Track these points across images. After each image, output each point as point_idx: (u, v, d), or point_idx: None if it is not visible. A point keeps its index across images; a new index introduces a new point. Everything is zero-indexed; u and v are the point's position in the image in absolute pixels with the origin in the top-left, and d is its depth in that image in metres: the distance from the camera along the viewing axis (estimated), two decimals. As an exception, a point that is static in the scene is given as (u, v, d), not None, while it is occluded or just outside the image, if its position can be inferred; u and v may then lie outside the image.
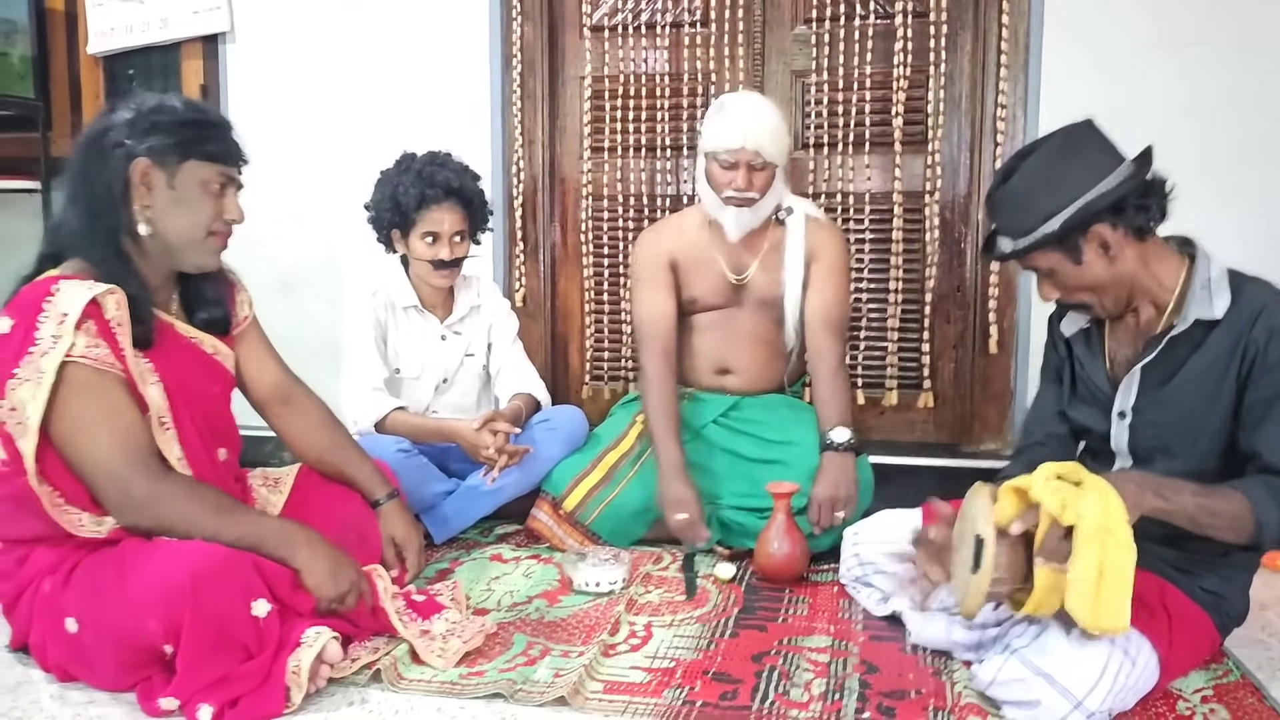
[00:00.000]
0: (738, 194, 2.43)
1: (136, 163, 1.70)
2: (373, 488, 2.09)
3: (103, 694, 1.71)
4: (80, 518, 1.70)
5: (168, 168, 1.73)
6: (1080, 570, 1.45)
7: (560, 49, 3.29)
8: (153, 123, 1.72)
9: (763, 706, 1.67)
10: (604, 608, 2.09)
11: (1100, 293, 1.72)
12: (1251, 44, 2.71)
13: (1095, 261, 1.68)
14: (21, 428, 1.63)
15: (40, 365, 1.62)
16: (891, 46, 3.01)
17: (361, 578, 1.79)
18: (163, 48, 3.48)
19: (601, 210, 3.30)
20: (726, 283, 2.58)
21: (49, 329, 1.63)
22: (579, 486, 2.50)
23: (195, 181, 1.75)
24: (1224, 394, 1.67)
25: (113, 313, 1.68)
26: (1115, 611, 1.45)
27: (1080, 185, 1.65)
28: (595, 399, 3.31)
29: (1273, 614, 2.11)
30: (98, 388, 1.66)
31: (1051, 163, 1.67)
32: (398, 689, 1.72)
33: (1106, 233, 1.66)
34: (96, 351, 1.65)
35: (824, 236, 2.54)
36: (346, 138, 3.33)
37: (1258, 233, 2.69)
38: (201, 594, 1.57)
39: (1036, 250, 1.69)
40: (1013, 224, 1.72)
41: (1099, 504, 1.46)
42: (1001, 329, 2.95)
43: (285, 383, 2.07)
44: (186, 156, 1.73)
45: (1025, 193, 1.68)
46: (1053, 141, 1.70)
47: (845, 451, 2.38)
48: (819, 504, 2.32)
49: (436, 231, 2.51)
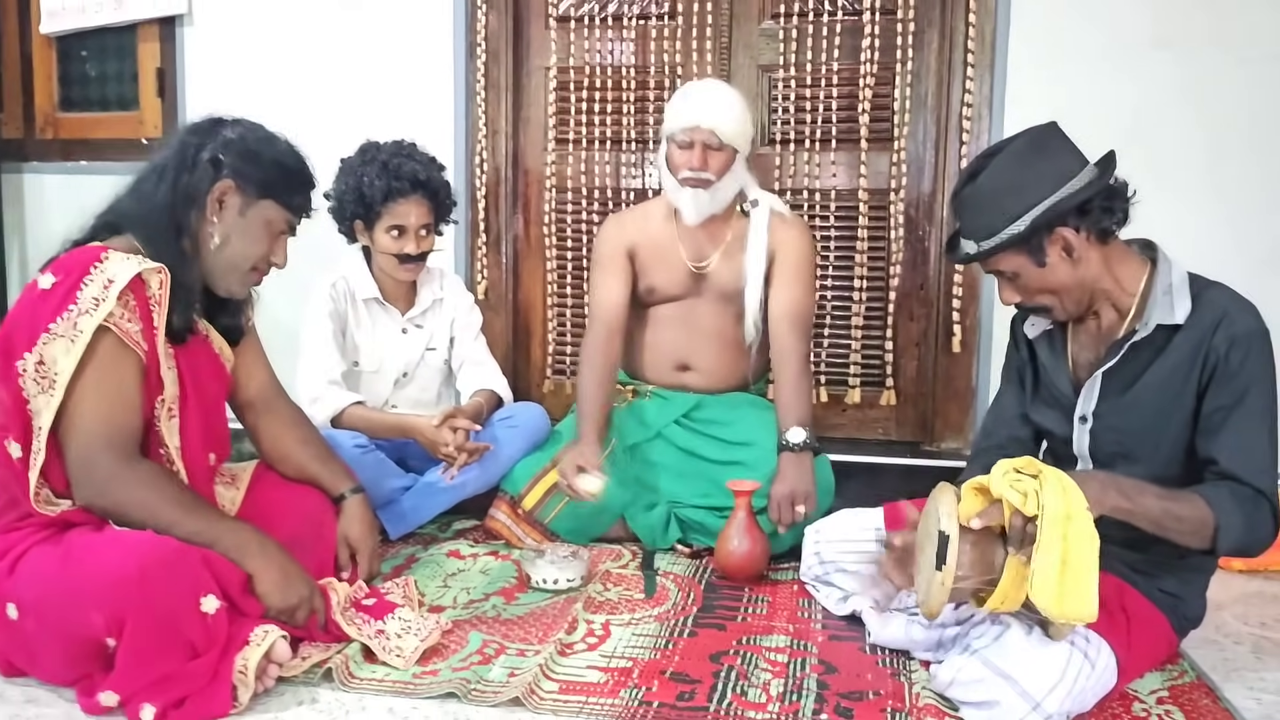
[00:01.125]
0: (693, 174, 2.42)
1: (222, 183, 1.78)
2: (336, 482, 2.08)
3: (43, 692, 1.66)
4: (44, 493, 1.68)
5: (246, 197, 1.81)
6: (1043, 558, 1.45)
7: (525, 39, 3.24)
8: (254, 153, 1.81)
9: (720, 707, 1.65)
10: (562, 605, 2.07)
11: (1062, 295, 1.72)
12: (1213, 45, 2.72)
13: (1058, 264, 1.68)
14: (47, 382, 1.64)
15: (79, 324, 1.63)
16: (859, 43, 3.00)
17: (314, 592, 1.76)
18: (118, 29, 3.41)
19: (565, 203, 3.26)
20: (687, 272, 2.56)
21: (93, 291, 1.64)
22: (538, 485, 2.47)
23: (263, 219, 1.83)
24: (1185, 400, 1.68)
25: (155, 291, 1.71)
26: (1080, 599, 1.46)
27: (1046, 187, 1.64)
28: (557, 393, 3.28)
29: (1227, 615, 2.12)
30: (114, 362, 1.67)
31: (1017, 165, 1.67)
32: (349, 688, 1.69)
33: (1070, 235, 1.65)
34: (129, 326, 1.68)
35: (790, 233, 2.53)
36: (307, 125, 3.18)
37: (1219, 234, 2.71)
38: (148, 586, 1.53)
39: (1001, 252, 1.69)
40: (978, 225, 1.71)
41: (1059, 494, 1.47)
42: (964, 328, 2.96)
43: (270, 390, 2.09)
44: (267, 195, 1.82)
45: (991, 193, 1.68)
46: (1018, 143, 1.69)
47: (801, 452, 2.37)
48: (778, 502, 2.31)
49: (403, 225, 2.47)
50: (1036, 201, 1.64)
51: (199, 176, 1.77)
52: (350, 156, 2.52)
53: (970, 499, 1.56)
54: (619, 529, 2.49)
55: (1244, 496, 1.59)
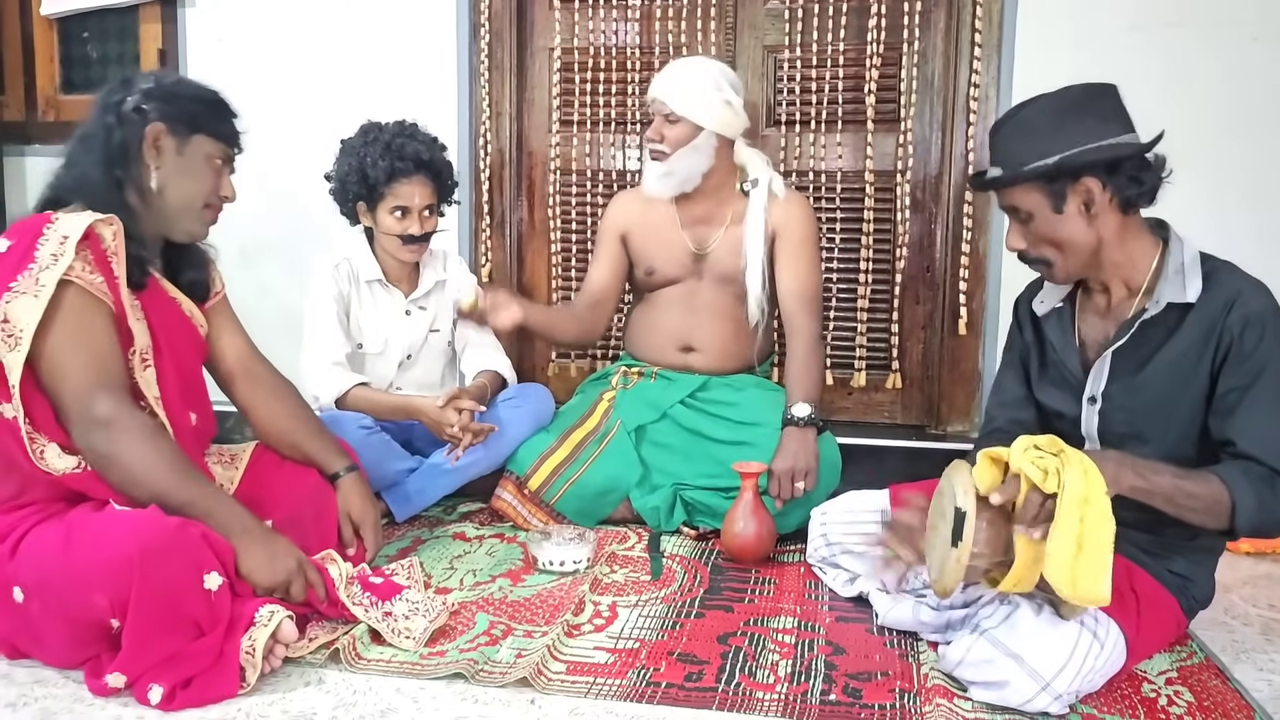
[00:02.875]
0: (650, 145, 2.48)
1: (152, 126, 1.81)
2: (330, 460, 2.07)
3: (50, 673, 1.66)
4: (46, 448, 1.67)
5: (179, 136, 1.84)
6: (1059, 540, 1.45)
7: (529, 19, 3.22)
8: (172, 93, 1.85)
9: (728, 688, 1.65)
10: (568, 587, 2.06)
11: (1067, 252, 1.70)
12: (1226, 24, 2.70)
13: (1074, 217, 1.67)
14: (13, 340, 1.64)
15: (40, 279, 1.65)
16: (865, 23, 2.98)
17: (304, 568, 1.74)
18: (119, 10, 3.38)
19: (570, 185, 3.25)
20: (687, 254, 2.56)
21: (49, 248, 1.67)
22: (544, 465, 2.47)
23: (201, 154, 1.86)
24: (1197, 381, 1.67)
25: (109, 243, 1.73)
26: (1094, 581, 1.45)
27: (1085, 135, 1.64)
28: (562, 376, 3.27)
29: (1236, 596, 2.12)
30: (85, 312, 1.68)
31: (1065, 107, 1.67)
32: (356, 669, 1.69)
33: (1095, 189, 1.64)
34: (92, 278, 1.69)
35: (791, 212, 2.52)
36: (309, 106, 3.25)
37: (1234, 215, 2.69)
38: (150, 566, 1.53)
39: (1024, 183, 1.67)
40: (1010, 153, 1.70)
41: (1080, 476, 1.46)
42: (971, 310, 2.94)
43: (250, 358, 2.07)
44: (197, 130, 1.85)
45: (1031, 126, 1.67)
46: (1073, 90, 1.69)
47: (805, 427, 2.36)
48: (778, 476, 2.30)
49: (406, 206, 2.46)
50: (1072, 145, 1.63)
51: (129, 128, 1.81)
52: (351, 137, 2.51)
53: (985, 468, 1.55)
54: (625, 511, 2.49)
55: (1260, 475, 1.57)
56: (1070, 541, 1.44)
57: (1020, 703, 1.55)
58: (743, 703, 1.60)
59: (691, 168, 2.47)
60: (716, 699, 1.61)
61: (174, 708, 1.54)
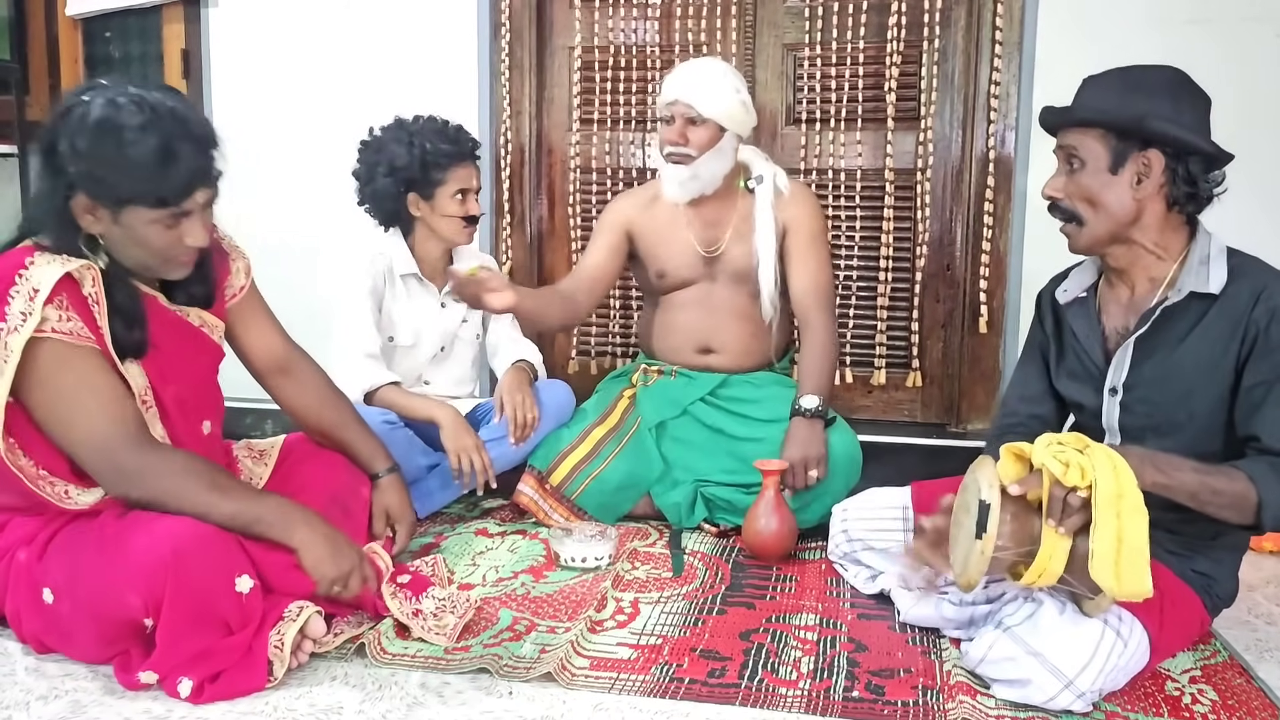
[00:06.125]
0: (672, 148, 2.42)
1: (77, 200, 1.60)
2: (374, 461, 2.08)
3: (80, 667, 1.68)
4: (66, 489, 1.67)
5: (108, 209, 1.60)
6: (1100, 540, 1.45)
7: (549, 18, 3.23)
8: (97, 159, 1.56)
9: (751, 684, 1.65)
10: (590, 584, 2.08)
11: (1100, 215, 1.69)
12: (1250, 20, 2.69)
13: (1124, 184, 1.66)
14: None
15: (8, 344, 1.57)
16: (885, 21, 2.97)
17: (363, 559, 1.75)
18: (143, 10, 3.41)
19: (590, 183, 3.25)
20: (697, 256, 2.55)
21: (19, 305, 1.57)
22: (565, 461, 2.47)
23: (141, 221, 1.61)
24: (1221, 374, 1.66)
25: (89, 289, 1.63)
26: (1137, 576, 1.46)
27: (1170, 112, 1.64)
28: (582, 373, 3.28)
29: (1259, 595, 2.11)
30: (74, 361, 1.61)
31: (1163, 82, 1.67)
32: (381, 663, 1.70)
33: (1156, 166, 1.65)
34: (69, 325, 1.60)
35: (798, 208, 2.52)
36: (331, 105, 3.27)
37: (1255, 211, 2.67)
38: (183, 568, 1.55)
39: (1093, 127, 1.67)
40: (1092, 96, 1.71)
41: (1109, 472, 1.46)
42: (991, 308, 2.94)
43: (285, 352, 2.04)
44: (127, 203, 1.59)
45: (1125, 83, 1.68)
46: (1189, 79, 1.69)
47: (812, 418, 2.36)
48: (791, 466, 2.31)
49: (467, 187, 2.51)
50: (1155, 114, 1.63)
51: (56, 194, 1.59)
52: (380, 135, 2.51)
53: (1009, 463, 1.56)
54: (646, 507, 2.50)
55: None
56: (1111, 539, 1.45)
57: (1043, 701, 1.55)
58: (766, 699, 1.61)
59: (716, 170, 2.46)
60: (740, 695, 1.62)
61: (203, 701, 1.56)
